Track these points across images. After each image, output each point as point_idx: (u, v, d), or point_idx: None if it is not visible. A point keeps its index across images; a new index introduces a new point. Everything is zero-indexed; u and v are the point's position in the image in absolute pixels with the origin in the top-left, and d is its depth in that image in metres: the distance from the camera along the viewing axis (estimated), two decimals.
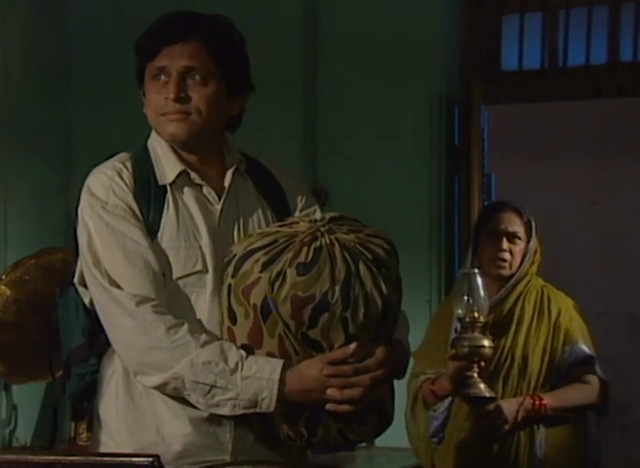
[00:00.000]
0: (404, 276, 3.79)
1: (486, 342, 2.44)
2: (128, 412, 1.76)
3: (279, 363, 1.66)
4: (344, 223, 1.74)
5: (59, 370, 1.90)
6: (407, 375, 2.76)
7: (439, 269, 3.74)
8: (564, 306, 2.77)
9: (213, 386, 1.66)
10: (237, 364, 1.66)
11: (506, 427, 2.63)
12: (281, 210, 1.90)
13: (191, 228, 1.79)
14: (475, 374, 2.46)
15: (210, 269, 1.77)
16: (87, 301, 1.81)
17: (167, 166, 1.83)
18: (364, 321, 1.64)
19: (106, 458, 1.55)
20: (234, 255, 1.71)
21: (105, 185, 1.78)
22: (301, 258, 1.64)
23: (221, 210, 1.83)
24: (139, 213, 1.76)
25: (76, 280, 1.82)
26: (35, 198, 3.74)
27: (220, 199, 1.83)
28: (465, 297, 2.45)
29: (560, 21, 4.01)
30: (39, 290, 3.33)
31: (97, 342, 1.80)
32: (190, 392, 1.68)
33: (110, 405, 1.79)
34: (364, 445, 3.58)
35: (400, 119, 3.84)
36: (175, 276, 1.76)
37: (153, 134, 1.88)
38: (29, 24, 3.83)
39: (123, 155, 1.84)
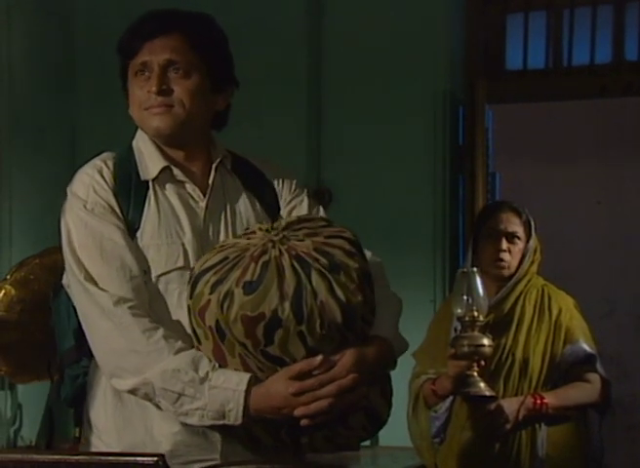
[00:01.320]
0: (408, 275, 3.81)
1: (485, 341, 2.43)
2: (117, 412, 1.75)
3: (247, 375, 1.64)
4: (302, 227, 1.68)
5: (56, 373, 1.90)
6: (409, 375, 2.79)
7: (443, 269, 3.74)
8: (564, 305, 2.76)
9: (181, 394, 1.64)
10: (207, 373, 1.64)
11: (508, 426, 2.62)
12: (271, 206, 1.89)
13: (173, 225, 1.77)
14: (475, 373, 2.46)
15: (192, 265, 1.74)
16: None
17: (150, 162, 1.82)
18: (322, 332, 1.59)
19: (111, 458, 1.55)
20: (192, 275, 1.68)
21: (86, 184, 1.77)
22: (248, 276, 1.59)
23: (206, 207, 1.81)
24: (118, 210, 1.75)
25: (65, 281, 1.82)
26: (40, 197, 3.74)
27: (204, 196, 1.82)
28: (465, 297, 2.44)
29: (564, 21, 4.01)
30: (43, 289, 3.33)
31: (86, 343, 1.78)
32: (160, 399, 1.66)
33: (99, 405, 1.78)
34: (368, 444, 3.59)
35: (404, 119, 3.83)
36: (156, 273, 1.74)
37: (138, 133, 1.86)
38: (35, 24, 3.84)
39: (106, 154, 1.83)
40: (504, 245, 2.73)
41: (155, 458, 1.48)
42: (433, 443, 2.74)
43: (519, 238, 2.76)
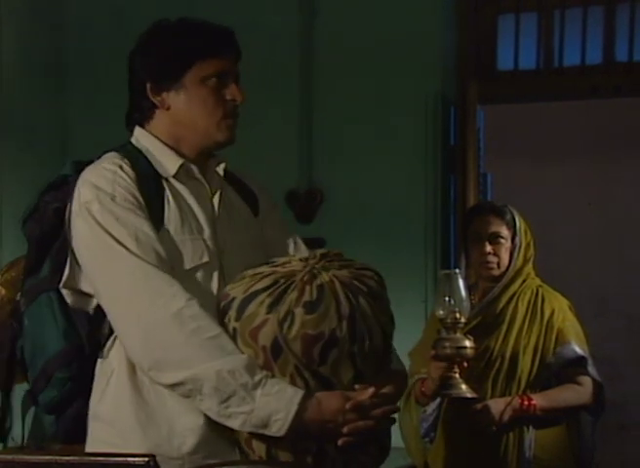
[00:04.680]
0: (400, 276, 3.80)
1: (467, 343, 2.43)
2: (138, 409, 1.74)
3: (301, 391, 1.65)
4: (334, 259, 1.76)
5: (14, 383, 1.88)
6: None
7: (435, 269, 3.74)
8: (558, 306, 2.76)
9: (231, 396, 1.64)
10: (261, 380, 1.64)
11: (493, 427, 2.62)
12: (254, 208, 1.93)
13: (193, 221, 1.79)
14: (457, 375, 2.46)
15: (216, 262, 1.78)
16: (71, 302, 1.78)
17: (165, 160, 1.83)
18: (369, 354, 1.68)
19: (101, 458, 1.54)
20: (233, 299, 1.71)
21: (109, 179, 1.75)
22: (307, 297, 1.66)
23: (219, 204, 1.85)
24: (144, 205, 1.75)
25: (63, 284, 1.79)
26: (30, 198, 3.72)
27: (212, 193, 1.85)
28: (447, 298, 2.44)
29: (555, 22, 4.01)
30: None
31: (83, 345, 1.78)
32: (205, 398, 1.65)
33: (115, 403, 1.76)
34: None
35: (396, 119, 3.84)
36: (185, 268, 1.76)
37: (139, 133, 1.86)
38: (26, 24, 3.83)
39: (113, 153, 1.82)
40: (488, 247, 2.74)
41: (146, 459, 1.47)
42: (424, 442, 2.75)
43: (503, 237, 2.76)
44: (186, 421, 1.72)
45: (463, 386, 2.47)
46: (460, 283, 2.47)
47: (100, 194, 1.74)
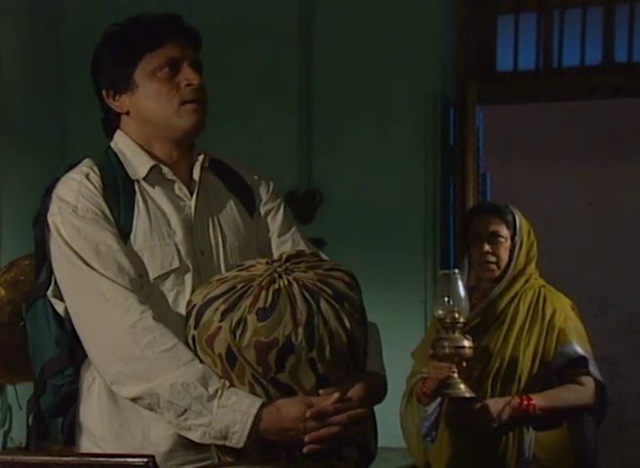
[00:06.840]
0: (399, 276, 3.80)
1: (466, 343, 2.44)
2: (112, 417, 1.74)
3: (259, 400, 1.62)
4: (302, 260, 1.71)
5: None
6: (400, 376, 2.79)
7: (434, 270, 3.74)
8: (559, 306, 2.75)
9: (187, 409, 1.63)
10: (217, 391, 1.62)
11: (493, 425, 2.62)
12: (250, 205, 1.88)
13: (164, 225, 1.76)
14: (455, 375, 2.46)
15: (189, 266, 1.75)
16: (61, 311, 1.78)
17: (137, 162, 1.80)
18: (331, 359, 1.62)
19: (101, 459, 1.54)
20: (194, 305, 1.68)
21: (74, 190, 1.74)
22: (261, 303, 1.61)
23: (195, 206, 1.80)
24: (109, 215, 1.73)
25: (50, 292, 1.78)
26: (30, 198, 3.72)
27: (191, 195, 1.81)
28: (446, 298, 2.45)
29: (555, 22, 4.02)
30: None
31: (75, 351, 1.77)
32: (164, 411, 1.65)
33: (94, 411, 1.76)
34: None
35: (395, 119, 3.84)
36: (152, 276, 1.73)
37: (117, 135, 1.85)
38: (25, 24, 3.83)
39: (87, 160, 1.81)
40: (487, 247, 2.74)
41: (146, 460, 1.47)
42: (425, 441, 2.75)
43: (502, 237, 2.75)
44: (160, 429, 1.71)
45: (462, 386, 2.47)
46: (459, 283, 2.47)
47: (62, 206, 1.74)
